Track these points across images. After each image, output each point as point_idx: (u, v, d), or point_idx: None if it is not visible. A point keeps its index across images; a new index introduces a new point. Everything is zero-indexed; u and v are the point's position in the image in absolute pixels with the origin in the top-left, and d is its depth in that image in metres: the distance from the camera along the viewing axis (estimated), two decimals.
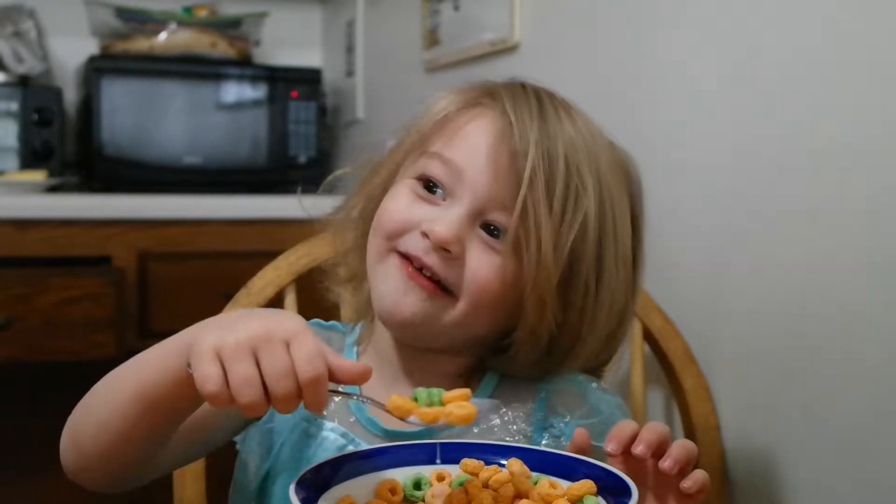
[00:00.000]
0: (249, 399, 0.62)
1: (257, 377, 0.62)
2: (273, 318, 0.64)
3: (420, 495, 0.68)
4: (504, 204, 0.78)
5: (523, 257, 0.78)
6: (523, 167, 0.77)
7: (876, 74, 0.91)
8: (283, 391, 0.62)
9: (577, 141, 0.80)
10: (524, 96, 0.82)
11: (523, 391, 0.85)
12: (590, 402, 0.84)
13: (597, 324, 0.82)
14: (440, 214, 0.79)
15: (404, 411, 0.66)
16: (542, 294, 0.78)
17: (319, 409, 0.64)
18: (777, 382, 1.03)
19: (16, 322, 1.73)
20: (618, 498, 0.65)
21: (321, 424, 0.83)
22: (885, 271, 0.90)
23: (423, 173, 0.82)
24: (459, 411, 0.66)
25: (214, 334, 0.63)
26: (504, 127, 0.79)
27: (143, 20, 2.21)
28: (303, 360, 0.62)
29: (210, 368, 0.62)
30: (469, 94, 0.84)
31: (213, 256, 1.93)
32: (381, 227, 0.82)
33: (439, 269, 0.78)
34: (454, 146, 0.81)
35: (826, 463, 0.97)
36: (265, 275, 1.08)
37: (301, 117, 2.22)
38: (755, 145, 1.06)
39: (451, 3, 1.79)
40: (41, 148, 2.07)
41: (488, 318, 0.80)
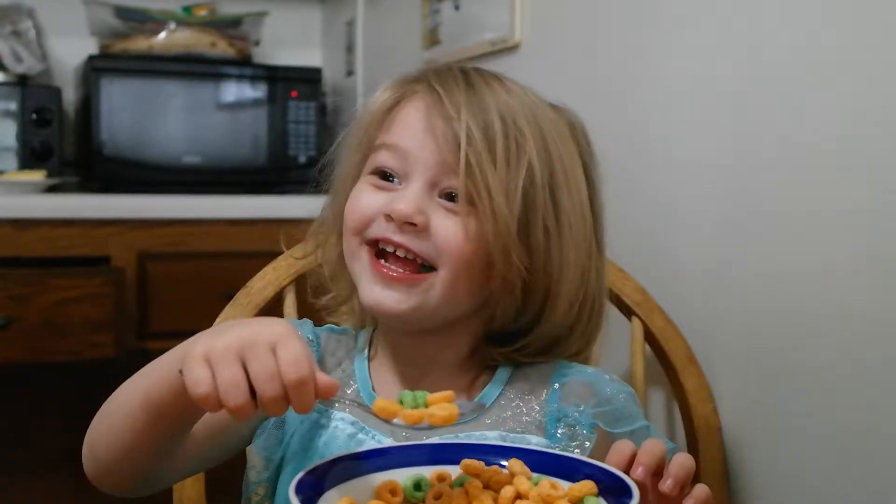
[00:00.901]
0: (236, 402, 0.63)
1: (244, 380, 0.64)
2: (261, 324, 0.66)
3: (420, 496, 0.68)
4: (453, 168, 0.81)
5: (479, 212, 0.80)
6: (459, 130, 0.81)
7: (876, 74, 0.91)
8: (269, 394, 0.63)
9: (508, 99, 0.84)
10: (450, 73, 0.86)
11: (537, 383, 0.87)
12: (603, 392, 0.86)
13: (564, 268, 0.84)
14: (397, 196, 0.83)
15: (389, 413, 0.69)
16: (504, 241, 0.81)
17: (306, 410, 0.65)
18: (778, 383, 1.03)
19: (15, 322, 1.73)
20: (618, 498, 0.65)
21: (332, 415, 0.85)
22: (885, 271, 0.90)
23: (375, 167, 0.86)
24: (441, 412, 0.68)
25: (205, 341, 0.65)
26: (435, 101, 0.83)
27: (142, 20, 2.20)
28: (287, 364, 0.63)
29: (199, 373, 0.64)
30: (401, 84, 0.88)
31: (212, 256, 1.93)
32: (349, 225, 0.85)
33: (412, 245, 0.81)
34: (395, 132, 0.85)
35: (827, 463, 0.96)
36: (265, 275, 1.08)
37: (301, 117, 2.22)
38: (755, 145, 1.06)
39: (452, 3, 1.79)
40: (40, 148, 2.07)
41: (468, 283, 0.82)
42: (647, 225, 1.23)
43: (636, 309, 1.11)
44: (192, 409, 0.70)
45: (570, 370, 0.89)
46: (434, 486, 0.68)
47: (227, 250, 1.94)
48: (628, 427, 0.85)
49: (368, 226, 0.84)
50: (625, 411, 0.86)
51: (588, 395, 0.86)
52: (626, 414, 0.86)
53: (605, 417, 0.84)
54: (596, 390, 0.86)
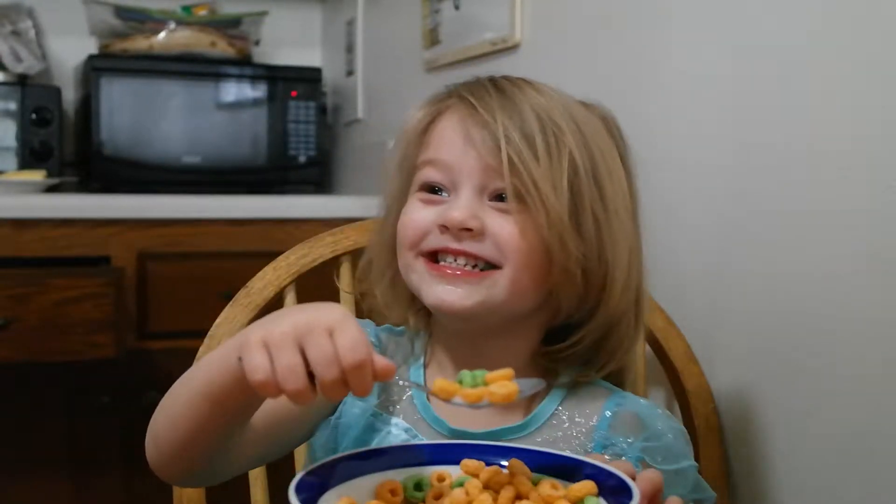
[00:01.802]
0: (295, 387, 0.64)
1: (302, 365, 0.64)
2: (317, 309, 0.67)
3: (420, 496, 0.68)
4: (497, 170, 0.83)
5: (530, 207, 0.82)
6: (496, 130, 0.83)
7: (876, 74, 0.91)
8: (328, 378, 0.64)
9: (541, 98, 0.86)
10: (479, 83, 0.88)
11: (589, 407, 0.88)
12: (654, 427, 0.87)
13: (617, 252, 0.86)
14: (449, 206, 0.84)
15: (448, 393, 0.69)
16: (559, 231, 0.82)
17: (365, 393, 0.66)
18: (778, 383, 1.03)
19: (15, 322, 1.73)
20: (618, 499, 0.65)
21: (387, 420, 0.86)
22: (885, 271, 0.90)
23: (421, 183, 0.87)
24: (501, 390, 0.68)
25: (263, 328, 0.66)
26: (469, 112, 0.85)
27: (142, 19, 2.20)
28: (346, 347, 0.64)
29: (257, 359, 0.64)
30: (433, 103, 0.90)
31: (212, 256, 1.93)
32: (404, 241, 0.87)
33: (472, 249, 0.83)
34: (436, 148, 0.87)
35: (827, 463, 0.96)
36: (265, 275, 1.07)
37: (301, 117, 2.22)
38: (755, 145, 1.06)
39: (452, 3, 1.79)
40: (40, 148, 2.07)
41: (531, 278, 0.83)
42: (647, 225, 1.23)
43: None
44: (251, 396, 0.71)
45: (625, 400, 0.89)
46: (434, 486, 0.68)
47: (227, 250, 1.94)
48: (675, 465, 0.86)
49: (423, 239, 0.85)
50: (673, 449, 0.86)
51: (638, 428, 0.86)
52: (675, 452, 0.86)
53: (652, 453, 0.85)
54: (647, 424, 0.87)
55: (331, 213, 1.95)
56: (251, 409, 0.77)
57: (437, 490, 0.68)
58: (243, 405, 0.75)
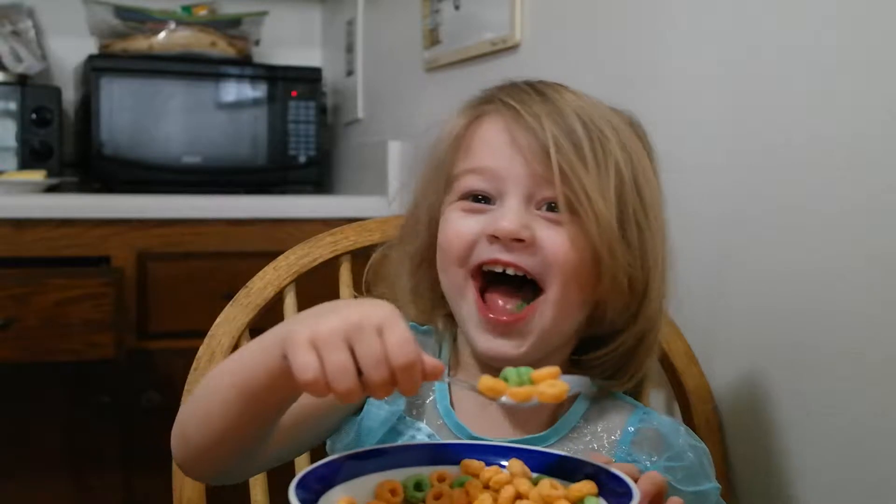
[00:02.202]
0: (345, 386, 0.63)
1: (352, 365, 0.63)
2: (364, 306, 0.66)
3: (420, 496, 0.68)
4: (545, 179, 0.81)
5: (581, 217, 0.80)
6: (544, 138, 0.80)
7: (876, 74, 0.91)
8: (378, 377, 0.63)
9: (581, 103, 0.85)
10: (518, 87, 0.86)
11: (612, 422, 0.87)
12: (677, 446, 0.86)
13: (656, 258, 0.85)
14: (497, 215, 0.82)
15: (496, 392, 0.67)
16: (609, 241, 0.81)
17: (413, 392, 0.65)
18: (779, 382, 1.03)
19: (14, 322, 1.73)
20: (618, 499, 0.64)
21: (410, 424, 0.85)
22: (885, 270, 0.90)
23: (463, 192, 0.84)
24: (551, 389, 0.67)
25: (309, 325, 0.64)
26: (513, 116, 0.83)
27: (142, 19, 2.20)
28: (395, 347, 0.63)
29: (306, 358, 0.63)
30: (470, 109, 0.88)
31: (212, 256, 1.93)
32: (450, 254, 0.84)
33: (521, 262, 0.81)
34: (479, 155, 0.84)
35: (828, 462, 0.96)
36: (265, 275, 1.07)
37: (301, 117, 2.22)
38: (755, 145, 1.06)
39: (452, 3, 1.79)
40: (40, 148, 2.07)
41: (577, 293, 0.82)
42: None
43: None
44: (288, 393, 0.70)
45: (648, 416, 0.88)
46: (434, 486, 0.68)
47: (227, 250, 1.94)
48: (697, 487, 0.85)
49: (471, 251, 0.83)
50: (697, 469, 0.86)
51: (661, 447, 0.86)
52: (697, 473, 0.86)
53: (675, 473, 0.84)
54: (670, 443, 0.86)
55: (331, 213, 1.95)
56: (287, 404, 0.75)
57: (437, 490, 0.67)
58: (280, 404, 0.74)
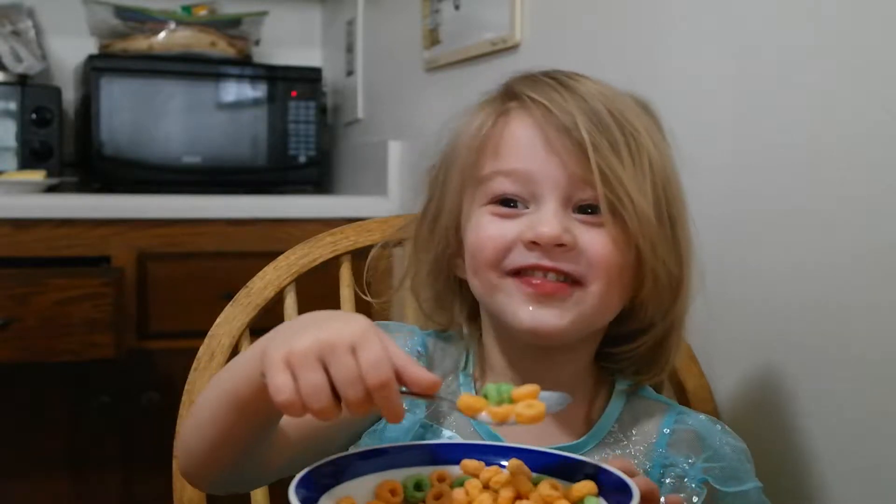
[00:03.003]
0: (320, 406, 0.63)
1: (326, 384, 0.63)
2: (339, 323, 0.65)
3: (420, 496, 0.68)
4: (584, 179, 0.78)
5: (623, 217, 0.78)
6: (580, 138, 0.78)
7: (876, 74, 0.91)
8: (353, 397, 0.63)
9: (606, 94, 0.82)
10: (540, 80, 0.84)
11: (647, 425, 0.86)
12: (715, 446, 0.85)
13: (688, 251, 0.84)
14: (534, 220, 0.79)
15: (475, 410, 0.67)
16: (651, 238, 0.79)
17: (395, 414, 0.64)
18: (779, 382, 1.02)
19: (14, 322, 1.73)
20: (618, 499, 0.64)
21: (438, 431, 0.83)
22: (885, 271, 0.90)
23: (493, 195, 0.81)
24: (528, 411, 0.66)
25: (283, 343, 0.64)
26: (542, 114, 0.80)
27: (142, 19, 2.20)
28: (368, 367, 0.62)
29: (281, 378, 0.63)
30: (491, 105, 0.85)
31: (212, 256, 1.93)
32: (483, 260, 0.81)
33: (564, 266, 0.78)
34: (508, 156, 0.81)
35: (828, 462, 0.96)
36: (265, 275, 1.07)
37: (301, 117, 2.22)
38: (755, 145, 1.06)
39: (452, 3, 1.79)
40: (40, 147, 2.07)
41: (620, 291, 0.81)
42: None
43: None
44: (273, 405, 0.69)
45: (683, 416, 0.87)
46: (434, 486, 0.68)
47: (227, 250, 1.94)
48: (740, 486, 0.84)
49: (506, 256, 0.80)
50: (737, 469, 0.84)
51: (698, 447, 0.84)
52: (739, 472, 0.84)
53: (715, 473, 0.83)
54: (708, 443, 0.85)
55: (331, 213, 1.95)
56: (277, 417, 0.75)
57: (437, 490, 0.67)
58: (268, 415, 0.73)
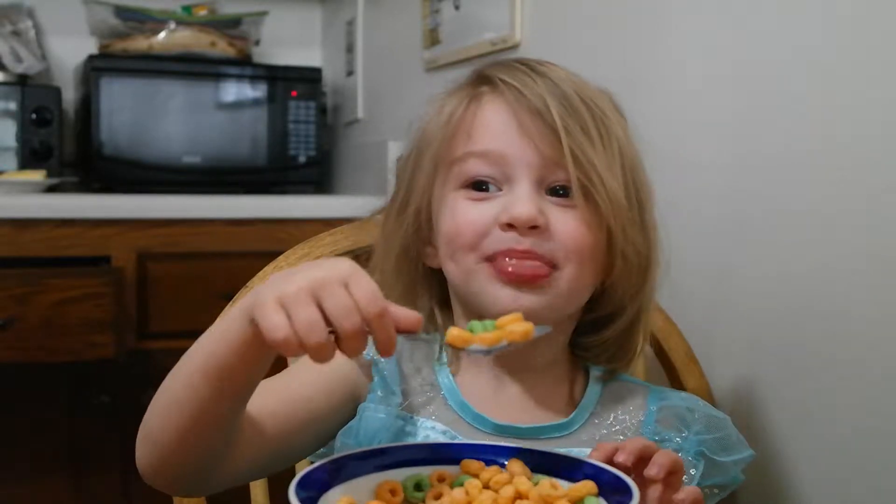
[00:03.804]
0: (317, 340, 0.62)
1: (321, 319, 0.62)
2: (326, 264, 0.65)
3: (420, 496, 0.68)
4: (556, 162, 0.80)
5: (595, 199, 0.80)
6: (552, 121, 0.79)
7: (876, 74, 0.91)
8: (349, 328, 0.62)
9: (574, 80, 0.83)
10: (511, 65, 0.84)
11: (631, 405, 0.87)
12: (705, 419, 0.86)
13: (657, 237, 0.85)
14: (508, 202, 0.80)
15: (465, 340, 0.68)
16: (622, 221, 0.81)
17: (391, 344, 0.64)
18: (779, 382, 1.03)
19: (15, 322, 1.73)
20: (618, 498, 0.65)
21: (418, 422, 0.83)
22: (885, 271, 0.90)
23: (466, 178, 0.82)
24: (518, 327, 0.68)
25: (274, 288, 0.64)
26: (514, 97, 0.81)
27: (142, 19, 2.20)
28: (364, 298, 0.63)
29: (275, 318, 0.62)
30: (462, 91, 0.86)
31: (212, 256, 1.93)
32: (461, 244, 0.82)
33: (538, 248, 0.79)
34: (481, 138, 0.82)
35: (828, 462, 0.96)
36: (265, 275, 1.07)
37: (301, 117, 2.22)
38: (755, 145, 1.06)
39: (452, 3, 1.79)
40: (40, 147, 2.07)
41: (591, 274, 0.82)
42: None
43: None
44: (256, 364, 0.69)
45: (665, 394, 0.89)
46: (434, 486, 0.68)
47: (227, 250, 1.94)
48: (738, 455, 0.86)
49: (483, 240, 0.81)
50: (732, 439, 0.86)
51: (688, 422, 0.86)
52: (733, 442, 0.86)
53: (711, 444, 0.84)
54: (696, 417, 0.86)
55: (331, 213, 1.95)
56: (256, 381, 0.72)
57: (437, 490, 0.67)
58: (249, 377, 0.70)
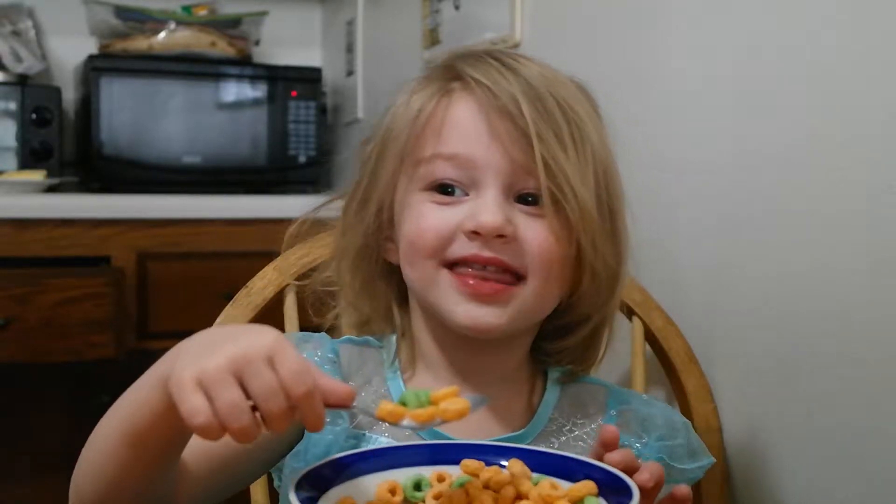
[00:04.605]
0: (240, 424, 0.58)
1: (245, 401, 0.58)
2: (248, 336, 0.60)
3: (420, 496, 0.68)
4: (527, 168, 0.76)
5: (564, 208, 0.76)
6: (524, 125, 0.75)
7: (876, 74, 0.91)
8: (276, 409, 0.59)
9: (549, 77, 0.79)
10: (483, 59, 0.79)
11: (591, 408, 0.85)
12: (666, 424, 0.85)
13: (627, 247, 0.82)
14: (474, 208, 0.76)
15: (396, 416, 0.65)
16: (592, 232, 0.77)
17: (319, 422, 0.60)
18: (779, 382, 1.02)
19: (15, 322, 1.73)
20: (618, 498, 0.65)
21: (371, 439, 0.80)
22: (885, 271, 0.90)
23: (432, 180, 0.79)
24: (454, 406, 0.65)
25: (192, 363, 0.59)
26: (486, 97, 0.77)
27: (142, 19, 2.21)
28: (290, 377, 0.59)
29: (195, 401, 0.58)
30: (432, 84, 0.81)
31: (212, 256, 1.93)
32: (422, 250, 0.78)
33: (504, 257, 0.76)
34: (450, 139, 0.78)
35: (827, 463, 0.96)
36: (265, 275, 1.07)
37: (301, 117, 2.22)
38: (755, 145, 1.06)
39: (452, 3, 1.79)
40: (40, 148, 2.07)
41: (558, 285, 0.79)
42: (646, 224, 1.23)
43: (636, 309, 1.11)
44: (176, 432, 0.65)
45: (625, 396, 0.87)
46: (434, 486, 0.68)
47: (227, 250, 1.94)
48: (699, 462, 0.85)
49: (447, 246, 0.77)
50: (693, 446, 0.85)
51: (648, 427, 0.84)
52: (694, 448, 0.85)
53: (671, 451, 0.83)
54: (657, 422, 0.85)
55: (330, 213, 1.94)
56: (177, 447, 0.69)
57: (436, 490, 0.67)
58: (168, 443, 0.68)
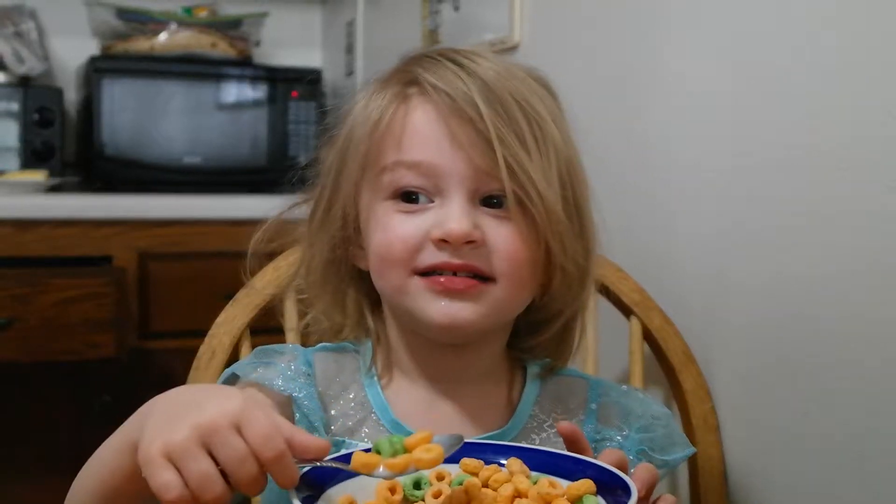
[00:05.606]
0: (213, 494, 0.58)
1: (215, 471, 0.58)
2: (214, 403, 0.60)
3: (420, 495, 0.68)
4: (490, 172, 0.76)
5: (530, 209, 0.76)
6: (484, 129, 0.75)
7: (876, 74, 0.91)
8: (246, 476, 0.59)
9: (507, 75, 0.79)
10: (440, 63, 0.79)
11: (571, 403, 0.85)
12: (646, 416, 0.85)
13: (595, 242, 0.82)
14: (441, 216, 0.76)
15: (370, 467, 0.64)
16: (560, 233, 0.77)
17: (293, 480, 0.60)
18: (777, 382, 1.03)
19: (16, 322, 1.73)
20: (617, 498, 0.65)
21: (350, 445, 0.80)
22: (885, 271, 0.90)
23: (395, 188, 0.78)
24: (428, 455, 0.65)
25: (158, 435, 0.59)
26: (445, 102, 0.77)
27: (143, 20, 2.21)
28: (259, 442, 0.58)
29: (165, 476, 0.58)
30: (389, 89, 0.81)
31: (213, 256, 1.93)
32: (392, 260, 0.78)
33: (474, 263, 0.76)
34: (411, 147, 0.78)
35: (826, 463, 0.97)
36: (265, 275, 1.08)
37: (301, 117, 2.22)
38: (755, 146, 1.06)
39: (451, 4, 1.79)
40: (42, 148, 2.08)
41: (530, 285, 0.79)
42: (645, 224, 1.23)
43: (634, 308, 1.12)
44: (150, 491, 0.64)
45: (604, 388, 0.87)
46: (434, 485, 0.68)
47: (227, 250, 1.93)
48: (680, 453, 0.85)
49: (416, 255, 0.77)
50: (673, 437, 0.85)
51: (628, 419, 0.85)
52: (674, 440, 0.85)
53: (652, 443, 0.83)
54: (637, 414, 0.85)
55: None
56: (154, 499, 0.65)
57: (436, 489, 0.68)
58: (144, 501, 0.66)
